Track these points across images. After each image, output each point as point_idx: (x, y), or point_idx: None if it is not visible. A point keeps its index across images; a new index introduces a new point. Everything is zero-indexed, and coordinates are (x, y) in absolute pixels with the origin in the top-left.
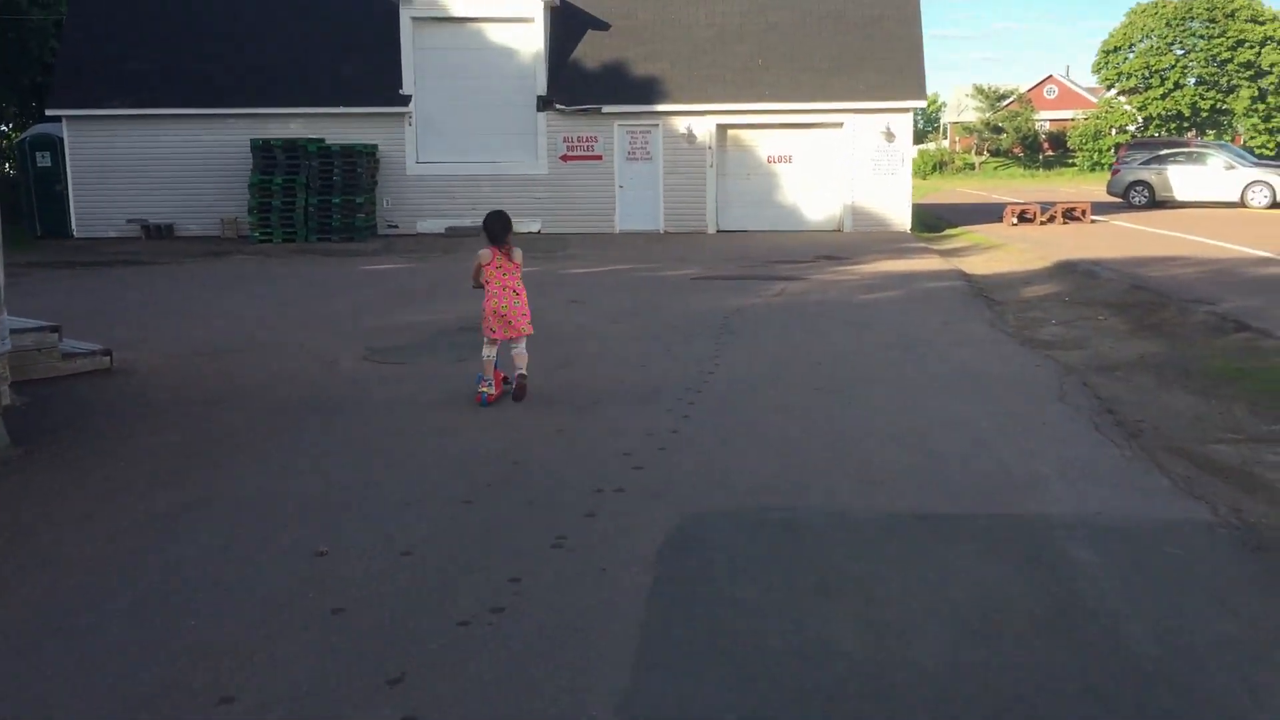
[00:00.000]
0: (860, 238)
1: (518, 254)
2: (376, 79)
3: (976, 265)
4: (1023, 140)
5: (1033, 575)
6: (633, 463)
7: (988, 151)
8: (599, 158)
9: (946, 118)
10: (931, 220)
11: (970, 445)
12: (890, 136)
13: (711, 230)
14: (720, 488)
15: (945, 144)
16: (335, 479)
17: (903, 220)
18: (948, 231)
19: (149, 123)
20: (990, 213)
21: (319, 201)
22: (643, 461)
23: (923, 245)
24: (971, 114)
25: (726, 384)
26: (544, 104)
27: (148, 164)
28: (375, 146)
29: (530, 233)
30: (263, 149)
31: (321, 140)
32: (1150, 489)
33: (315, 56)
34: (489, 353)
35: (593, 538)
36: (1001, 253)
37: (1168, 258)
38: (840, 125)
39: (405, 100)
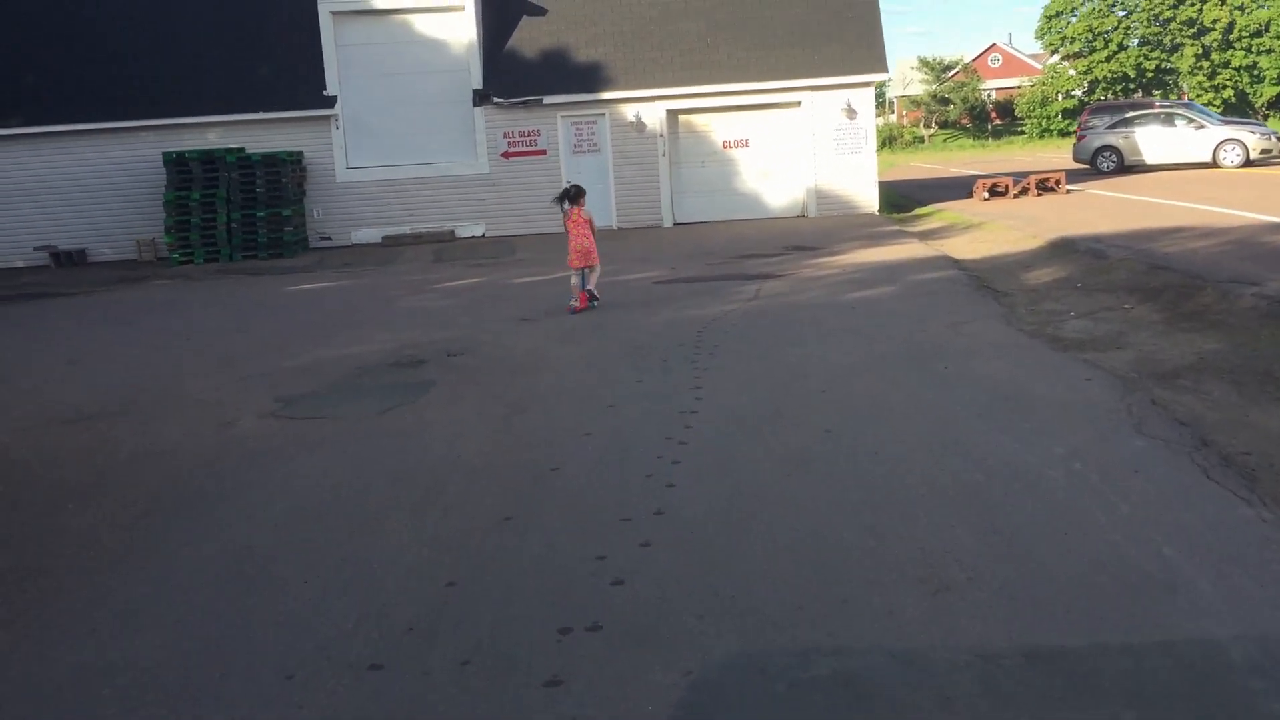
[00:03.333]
0: (828, 223)
1: (589, 213)
2: (298, 80)
3: (963, 249)
4: (970, 110)
5: None
6: (608, 574)
7: (936, 124)
8: (543, 152)
9: (892, 92)
10: (898, 199)
11: (1050, 512)
12: (852, 113)
13: (668, 223)
14: (735, 614)
15: (893, 119)
16: (196, 633)
17: (870, 202)
18: (918, 211)
19: (50, 141)
20: (956, 188)
21: (242, 216)
22: (621, 570)
23: (896, 228)
24: (917, 87)
25: (715, 429)
26: (481, 98)
27: (52, 186)
28: (300, 153)
29: (473, 237)
30: (177, 162)
31: (241, 149)
32: None
33: (229, 59)
34: (575, 280)
35: None
36: (985, 232)
37: (1172, 229)
38: (798, 104)
39: (330, 102)
